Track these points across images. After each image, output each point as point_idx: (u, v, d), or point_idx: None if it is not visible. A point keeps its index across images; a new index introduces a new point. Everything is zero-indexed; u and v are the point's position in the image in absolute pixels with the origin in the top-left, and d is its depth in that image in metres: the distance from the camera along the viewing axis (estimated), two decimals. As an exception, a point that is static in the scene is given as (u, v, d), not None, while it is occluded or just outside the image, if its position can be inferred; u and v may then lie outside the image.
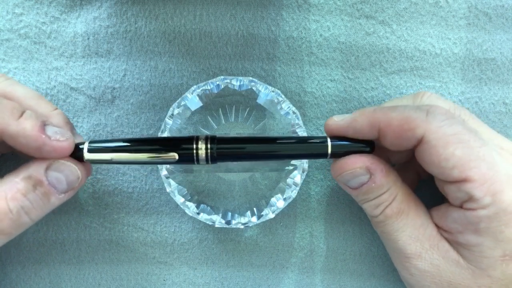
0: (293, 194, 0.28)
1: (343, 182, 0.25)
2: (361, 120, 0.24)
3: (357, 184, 0.25)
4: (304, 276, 0.31)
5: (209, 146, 0.24)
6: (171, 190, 0.27)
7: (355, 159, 0.24)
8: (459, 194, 0.23)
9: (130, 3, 0.29)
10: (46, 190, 0.23)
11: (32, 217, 0.23)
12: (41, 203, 0.23)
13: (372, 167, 0.24)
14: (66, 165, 0.24)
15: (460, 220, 0.23)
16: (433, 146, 0.22)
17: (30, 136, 0.22)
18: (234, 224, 0.28)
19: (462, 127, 0.23)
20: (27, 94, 0.25)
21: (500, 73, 0.31)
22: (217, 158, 0.25)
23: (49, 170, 0.23)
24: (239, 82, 0.28)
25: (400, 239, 0.24)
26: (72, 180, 0.24)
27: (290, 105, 0.28)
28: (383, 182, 0.24)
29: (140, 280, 0.31)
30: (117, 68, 0.30)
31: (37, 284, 0.30)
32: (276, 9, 0.30)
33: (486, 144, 0.23)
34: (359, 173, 0.24)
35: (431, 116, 0.23)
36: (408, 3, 0.30)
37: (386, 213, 0.25)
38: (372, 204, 0.25)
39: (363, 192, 0.25)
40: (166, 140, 0.25)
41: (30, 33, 0.29)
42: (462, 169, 0.22)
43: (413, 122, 0.23)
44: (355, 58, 0.30)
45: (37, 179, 0.23)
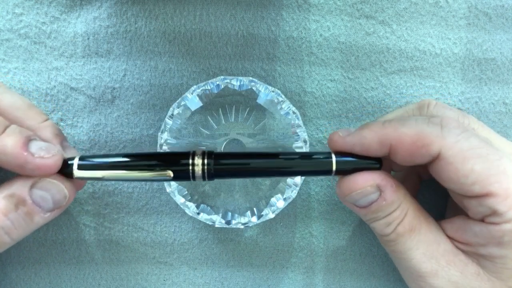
0: (293, 194, 0.28)
1: (352, 202, 0.24)
2: (370, 137, 0.23)
3: (367, 203, 0.23)
4: (304, 276, 0.31)
5: (205, 162, 0.23)
6: (171, 190, 0.27)
7: (365, 177, 0.23)
8: (481, 209, 0.22)
9: (130, 3, 0.29)
10: (29, 210, 0.22)
11: (13, 237, 0.22)
12: (23, 223, 0.22)
13: (382, 184, 0.23)
14: (52, 183, 0.22)
15: (481, 234, 0.22)
16: (450, 163, 0.21)
17: (10, 154, 0.21)
18: (234, 224, 0.28)
19: (478, 141, 0.22)
20: (15, 104, 0.24)
21: (500, 73, 0.31)
22: (214, 174, 0.23)
23: (34, 188, 0.22)
24: (239, 82, 0.28)
25: (414, 258, 0.23)
26: (58, 199, 0.23)
27: (290, 105, 0.28)
28: (394, 199, 0.23)
29: (140, 280, 0.31)
30: (117, 68, 0.30)
31: (37, 284, 0.30)
32: (276, 9, 0.30)
33: (503, 156, 0.22)
34: (369, 192, 0.23)
35: (446, 130, 0.22)
36: (408, 3, 0.30)
37: (398, 231, 0.23)
38: (383, 222, 0.24)
39: (373, 211, 0.23)
40: (161, 155, 0.24)
41: (30, 33, 0.29)
42: (483, 184, 0.21)
43: (427, 138, 0.22)
44: (355, 58, 0.30)
45: (20, 198, 0.22)
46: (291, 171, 0.24)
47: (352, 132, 0.24)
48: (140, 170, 0.23)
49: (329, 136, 0.24)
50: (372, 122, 0.24)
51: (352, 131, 0.24)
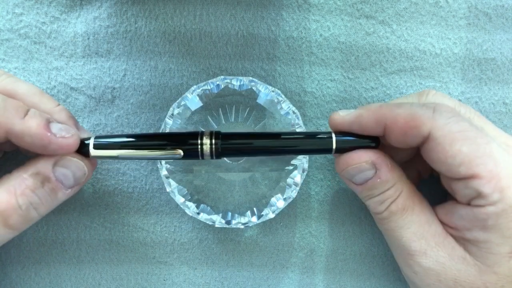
0: (293, 194, 0.28)
1: (348, 178, 0.25)
2: (367, 115, 0.24)
3: (362, 180, 0.25)
4: (304, 276, 0.31)
5: (213, 142, 0.24)
6: (171, 190, 0.27)
7: (361, 154, 0.24)
8: (466, 191, 0.23)
9: (130, 3, 0.29)
10: (53, 186, 0.24)
11: (40, 212, 0.24)
12: (49, 198, 0.24)
13: (377, 162, 0.24)
14: (73, 161, 0.24)
15: (467, 217, 0.23)
16: (439, 144, 0.22)
17: (35, 135, 0.22)
18: (234, 224, 0.28)
19: (468, 124, 0.23)
20: (30, 91, 0.25)
21: (500, 73, 0.31)
22: (221, 153, 0.25)
23: (57, 166, 0.24)
24: (239, 82, 0.28)
25: (405, 236, 0.24)
26: (79, 176, 0.24)
27: (290, 105, 0.28)
28: (389, 177, 0.24)
29: (140, 280, 0.31)
30: (117, 68, 0.30)
31: (37, 284, 0.30)
32: (276, 9, 0.30)
33: (492, 141, 0.23)
34: (365, 168, 0.24)
35: (438, 113, 0.23)
36: (408, 3, 0.30)
37: (391, 209, 0.24)
38: (377, 200, 0.25)
39: (368, 187, 0.25)
40: (171, 135, 0.25)
41: (30, 33, 0.29)
42: (469, 165, 0.22)
43: (419, 119, 0.23)
44: (355, 58, 0.30)
45: (45, 175, 0.23)
46: (293, 150, 0.25)
47: (350, 113, 0.25)
48: (152, 149, 0.24)
49: (330, 116, 0.26)
50: (371, 104, 0.26)
51: (349, 112, 0.25)
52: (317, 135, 0.25)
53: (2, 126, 0.22)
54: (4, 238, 0.24)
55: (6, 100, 0.23)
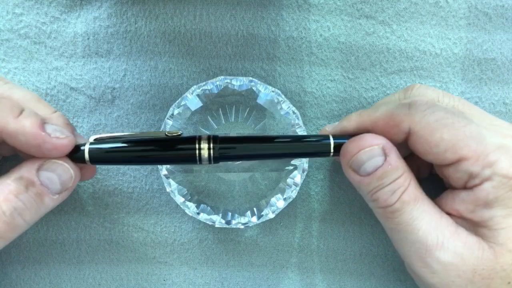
0: (293, 194, 0.28)
1: (356, 167, 0.24)
2: (349, 126, 0.25)
3: (372, 168, 0.23)
4: (304, 276, 0.31)
5: (211, 146, 0.24)
6: (171, 190, 0.27)
7: (372, 137, 0.24)
8: (459, 174, 0.23)
9: (130, 3, 0.29)
10: (38, 191, 0.23)
11: (26, 219, 0.23)
12: (34, 204, 0.23)
13: (387, 147, 0.23)
14: (58, 164, 0.23)
15: (468, 199, 0.23)
16: (421, 136, 0.23)
17: (29, 134, 0.22)
18: (234, 224, 0.28)
19: (444, 112, 0.23)
20: (26, 97, 0.25)
21: (500, 73, 0.31)
22: (219, 158, 0.24)
23: (41, 170, 0.23)
24: (239, 82, 0.28)
25: (421, 228, 0.23)
26: (65, 180, 0.23)
27: (290, 105, 0.28)
28: (398, 164, 0.23)
29: (140, 280, 0.31)
30: (117, 68, 0.30)
31: (37, 284, 0.30)
32: (276, 9, 0.30)
33: (470, 122, 0.23)
34: (377, 153, 0.23)
35: (413, 108, 0.23)
36: (408, 3, 0.30)
37: (404, 199, 0.23)
38: (388, 190, 0.23)
39: (378, 177, 0.23)
40: (168, 140, 0.25)
41: (30, 33, 0.29)
42: (453, 150, 0.22)
43: (397, 117, 0.23)
44: (355, 58, 0.30)
45: (28, 179, 0.23)
46: (291, 153, 0.25)
47: (335, 126, 0.26)
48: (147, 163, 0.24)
49: (319, 132, 0.27)
50: (351, 113, 0.26)
51: (334, 125, 0.27)
52: (314, 138, 0.25)
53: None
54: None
55: (0, 100, 0.23)
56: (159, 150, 0.24)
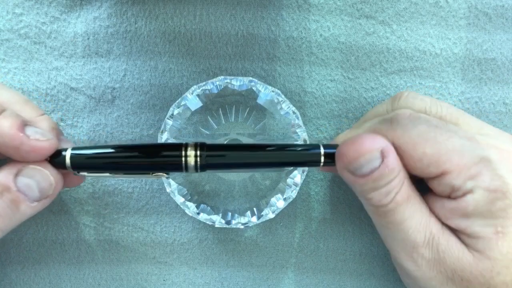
0: (293, 194, 0.28)
1: (353, 170, 0.23)
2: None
3: (369, 170, 0.23)
4: (304, 276, 0.31)
5: (198, 154, 0.23)
6: (171, 190, 0.27)
7: (372, 140, 0.23)
8: (442, 187, 0.23)
9: (130, 3, 0.29)
10: (14, 197, 0.22)
11: (1, 227, 0.22)
12: (9, 211, 0.22)
13: (386, 149, 0.23)
14: (37, 170, 0.22)
15: (448, 207, 0.23)
16: (404, 151, 0.23)
17: (7, 135, 0.21)
18: (234, 224, 0.28)
19: (426, 126, 0.23)
20: (12, 99, 0.25)
21: (500, 73, 0.31)
22: (206, 166, 0.23)
23: (19, 175, 0.22)
24: (239, 82, 0.28)
25: (411, 227, 0.23)
26: (44, 187, 0.23)
27: (290, 105, 0.28)
28: (396, 165, 0.23)
29: (140, 280, 0.31)
30: (117, 68, 0.30)
31: (37, 284, 0.30)
32: (276, 9, 0.30)
33: (453, 135, 0.23)
34: (375, 157, 0.23)
35: (395, 123, 0.24)
36: (408, 3, 0.30)
37: (397, 200, 0.23)
38: (383, 191, 0.23)
39: (374, 178, 0.23)
40: (154, 146, 0.24)
41: (30, 33, 0.29)
42: (436, 165, 0.22)
43: (379, 133, 0.24)
44: (355, 58, 0.30)
45: (4, 185, 0.22)
46: (281, 162, 0.25)
47: None
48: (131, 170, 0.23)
49: None
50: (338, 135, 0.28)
51: None
52: (304, 147, 0.24)
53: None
54: None
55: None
56: (144, 156, 0.23)
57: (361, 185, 0.24)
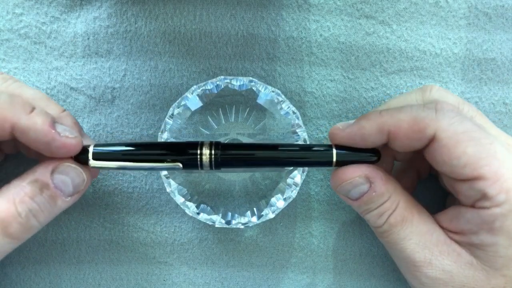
0: (293, 194, 0.28)
1: (343, 194, 0.25)
2: (368, 126, 0.24)
3: (358, 194, 0.24)
4: (304, 276, 0.31)
5: (213, 152, 0.24)
6: (171, 190, 0.27)
7: (354, 169, 0.24)
8: (471, 192, 0.22)
9: (130, 3, 0.29)
10: (52, 193, 0.23)
11: (40, 220, 0.23)
12: (48, 206, 0.23)
13: (371, 175, 0.24)
14: (71, 167, 0.24)
15: (473, 220, 0.22)
16: (444, 145, 0.22)
17: (40, 131, 0.22)
18: (234, 224, 0.28)
19: (472, 124, 0.22)
20: (36, 96, 0.25)
21: (500, 73, 0.31)
22: (221, 164, 0.24)
23: (55, 173, 0.23)
24: (239, 82, 0.28)
25: (408, 248, 0.24)
26: (77, 183, 0.24)
27: (290, 105, 0.28)
28: (383, 190, 0.24)
29: (140, 280, 0.31)
30: (117, 68, 0.30)
31: (37, 284, 0.30)
32: (276, 9, 0.30)
33: (496, 141, 0.22)
34: (359, 182, 0.24)
35: (441, 113, 0.23)
36: (408, 3, 0.30)
37: (390, 221, 0.24)
38: (375, 213, 0.24)
39: (364, 202, 0.24)
40: (170, 145, 0.25)
41: (30, 33, 0.29)
42: (473, 167, 0.22)
43: (423, 121, 0.22)
44: (355, 58, 0.30)
45: (43, 182, 0.23)
46: (293, 161, 0.25)
47: (350, 125, 0.24)
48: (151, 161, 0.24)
49: (330, 130, 0.25)
50: (370, 112, 0.25)
51: (351, 123, 0.25)
52: (317, 148, 0.25)
53: (8, 120, 0.22)
54: (6, 248, 0.24)
55: (13, 96, 0.23)
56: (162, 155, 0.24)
57: (357, 207, 0.25)
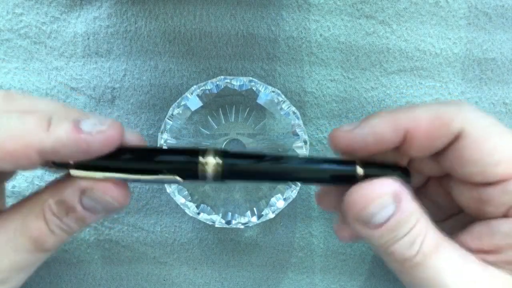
0: (293, 194, 0.28)
1: (366, 221, 0.19)
2: (382, 124, 0.20)
3: (384, 219, 0.19)
4: (304, 276, 0.31)
5: (218, 162, 0.20)
6: (171, 190, 0.27)
7: (380, 185, 0.19)
8: (505, 197, 0.19)
9: (130, 3, 0.29)
10: (79, 216, 0.20)
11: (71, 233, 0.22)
12: (75, 225, 0.21)
13: (399, 192, 0.19)
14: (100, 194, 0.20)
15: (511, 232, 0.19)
16: (474, 140, 0.19)
17: (69, 142, 0.18)
18: (234, 224, 0.28)
19: (494, 119, 0.20)
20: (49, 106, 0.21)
21: (500, 73, 0.31)
22: (227, 176, 0.20)
23: (84, 196, 0.20)
24: (239, 82, 0.28)
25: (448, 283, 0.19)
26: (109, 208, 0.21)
27: (290, 105, 0.28)
28: (413, 208, 0.19)
29: (140, 280, 0.31)
30: (117, 68, 0.30)
31: (37, 284, 0.30)
32: (276, 9, 0.30)
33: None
34: (388, 203, 0.19)
35: (464, 106, 0.20)
36: (408, 3, 0.30)
37: (424, 250, 0.19)
38: (405, 242, 0.19)
39: (391, 228, 0.19)
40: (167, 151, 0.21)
41: (30, 33, 0.29)
42: (509, 164, 0.19)
43: (446, 115, 0.19)
44: (355, 58, 0.30)
45: (70, 206, 0.20)
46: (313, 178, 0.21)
47: (358, 125, 0.20)
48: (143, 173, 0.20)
49: (331, 134, 0.21)
50: (381, 111, 0.21)
51: (356, 124, 0.21)
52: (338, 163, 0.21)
53: (31, 148, 0.18)
54: (42, 260, 0.22)
55: (22, 117, 0.19)
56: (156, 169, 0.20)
57: (379, 238, 0.20)
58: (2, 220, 0.20)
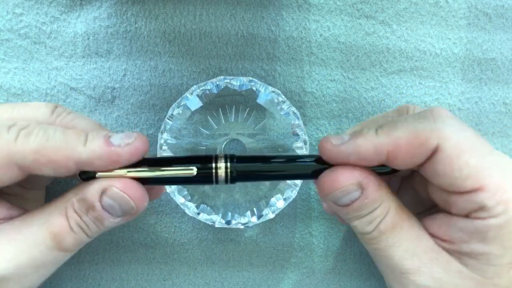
0: (293, 194, 0.28)
1: (332, 201, 0.23)
2: (365, 146, 0.22)
3: (348, 201, 0.23)
4: (304, 276, 0.31)
5: (229, 165, 0.23)
6: (171, 190, 0.27)
7: (347, 175, 0.22)
8: (469, 205, 0.21)
9: (130, 3, 0.29)
10: (98, 216, 0.22)
11: (89, 235, 0.23)
12: (94, 225, 0.23)
13: (364, 182, 0.22)
14: (119, 194, 0.22)
15: (466, 229, 0.22)
16: (447, 156, 0.21)
17: (102, 156, 0.21)
18: (234, 224, 0.28)
19: (472, 132, 0.22)
20: (89, 126, 0.25)
21: (500, 73, 0.31)
22: (237, 178, 0.23)
23: (104, 195, 0.22)
24: (239, 82, 0.28)
25: (396, 255, 0.23)
26: (126, 210, 0.23)
27: (290, 105, 0.28)
28: (376, 196, 0.22)
29: (140, 280, 0.31)
30: (117, 68, 0.30)
31: (37, 284, 0.30)
32: (276, 9, 0.30)
33: (494, 151, 0.22)
34: (352, 190, 0.22)
35: (439, 121, 0.21)
36: (408, 3, 0.30)
37: (380, 228, 0.23)
38: (365, 220, 0.23)
39: (355, 209, 0.23)
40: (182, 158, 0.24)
41: (30, 33, 0.29)
42: (475, 179, 0.21)
43: (422, 134, 0.21)
44: (355, 58, 0.30)
45: (90, 204, 0.22)
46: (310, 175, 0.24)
47: (345, 141, 0.22)
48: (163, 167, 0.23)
49: (321, 143, 0.23)
50: (365, 130, 0.23)
51: (345, 138, 0.23)
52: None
53: (71, 159, 0.21)
54: (59, 261, 0.23)
55: (65, 131, 0.22)
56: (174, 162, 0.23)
57: (345, 214, 0.23)
58: (29, 216, 0.23)
